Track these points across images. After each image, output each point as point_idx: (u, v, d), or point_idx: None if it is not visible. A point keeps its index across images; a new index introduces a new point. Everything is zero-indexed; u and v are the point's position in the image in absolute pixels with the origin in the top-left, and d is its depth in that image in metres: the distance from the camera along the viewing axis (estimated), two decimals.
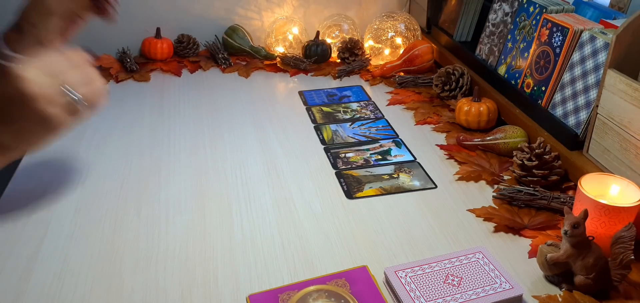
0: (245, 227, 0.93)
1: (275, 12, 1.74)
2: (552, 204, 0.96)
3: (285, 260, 0.85)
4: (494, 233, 0.92)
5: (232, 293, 0.79)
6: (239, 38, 1.66)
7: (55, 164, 1.10)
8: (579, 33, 1.08)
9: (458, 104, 1.26)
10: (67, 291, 0.79)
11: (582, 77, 1.06)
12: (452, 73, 1.39)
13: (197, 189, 1.03)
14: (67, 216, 0.94)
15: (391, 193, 1.03)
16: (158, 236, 0.90)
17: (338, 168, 1.11)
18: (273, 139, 1.22)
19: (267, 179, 1.07)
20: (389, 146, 1.20)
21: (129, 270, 0.83)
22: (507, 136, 1.14)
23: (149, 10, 1.63)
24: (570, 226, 0.75)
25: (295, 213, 0.97)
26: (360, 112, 1.35)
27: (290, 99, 1.43)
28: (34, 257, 0.85)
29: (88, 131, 1.22)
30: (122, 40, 1.62)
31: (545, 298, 0.78)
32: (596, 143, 1.00)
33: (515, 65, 1.27)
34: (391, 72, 1.55)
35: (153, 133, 1.23)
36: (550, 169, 1.02)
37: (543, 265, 0.80)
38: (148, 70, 1.56)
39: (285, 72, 1.60)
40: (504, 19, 1.34)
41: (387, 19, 1.67)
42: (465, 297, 0.76)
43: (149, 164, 1.11)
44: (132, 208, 0.97)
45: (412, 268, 0.81)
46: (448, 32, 1.59)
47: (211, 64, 1.62)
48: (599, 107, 0.98)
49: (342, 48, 1.64)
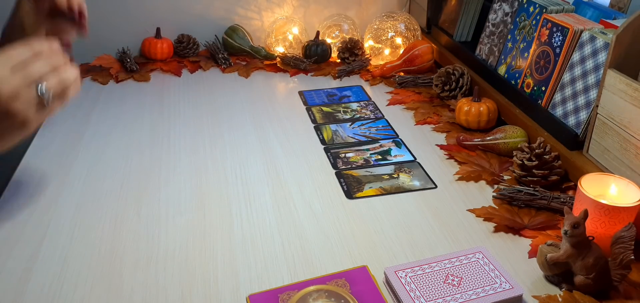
0: (245, 227, 0.93)
1: (275, 12, 1.74)
2: (552, 204, 0.96)
3: (285, 260, 0.85)
4: (494, 233, 0.92)
5: (232, 293, 0.79)
6: (239, 38, 1.66)
7: (55, 164, 1.10)
8: (579, 33, 1.08)
9: (458, 104, 1.26)
10: (67, 291, 0.79)
11: (582, 77, 1.06)
12: (452, 73, 1.39)
13: (197, 189, 1.03)
14: (67, 216, 0.94)
15: (391, 193, 1.03)
16: (158, 236, 0.90)
17: (338, 168, 1.11)
18: (273, 139, 1.22)
19: (267, 179, 1.07)
20: (389, 146, 1.20)
21: (129, 270, 0.83)
22: (507, 136, 1.14)
23: (149, 10, 1.63)
24: (570, 226, 0.75)
25: (295, 213, 0.97)
26: (360, 112, 1.35)
27: (290, 99, 1.43)
28: (34, 257, 0.85)
29: (88, 131, 1.23)
30: (122, 40, 1.62)
31: (545, 298, 0.78)
32: (596, 143, 1.00)
33: (515, 65, 1.27)
34: (391, 72, 1.55)
35: (153, 132, 1.23)
36: (550, 169, 1.02)
37: (543, 265, 0.80)
38: (148, 70, 1.56)
39: (285, 72, 1.60)
40: (504, 19, 1.34)
41: (387, 19, 1.67)
42: (465, 297, 0.76)
43: (149, 164, 1.11)
44: (132, 208, 0.97)
45: (412, 268, 0.81)
46: (448, 32, 1.59)
47: (211, 64, 1.62)
48: (599, 107, 0.98)
49: (342, 48, 1.64)
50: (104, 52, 1.60)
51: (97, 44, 1.60)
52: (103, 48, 1.61)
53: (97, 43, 1.60)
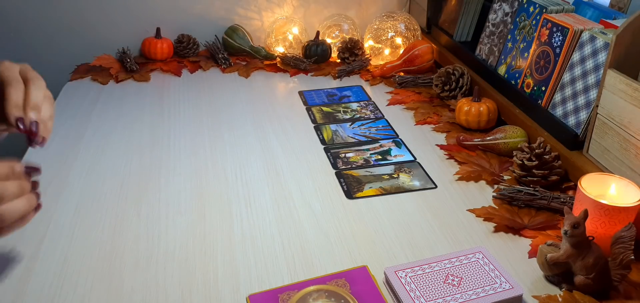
0: (245, 227, 0.93)
1: (275, 12, 1.74)
2: (552, 204, 0.96)
3: (285, 260, 0.85)
4: (494, 233, 0.92)
5: (232, 293, 0.79)
6: (239, 38, 1.66)
7: (55, 164, 1.10)
8: (579, 33, 1.08)
9: (458, 104, 1.26)
10: (67, 291, 0.79)
11: (582, 77, 1.06)
12: (452, 73, 1.39)
13: (197, 189, 1.03)
14: (67, 216, 0.94)
15: (391, 193, 1.03)
16: (158, 236, 0.90)
17: (338, 168, 1.11)
18: (273, 139, 1.22)
19: (267, 179, 1.07)
20: (389, 146, 1.20)
21: (129, 270, 0.83)
22: (507, 136, 1.14)
23: (149, 10, 1.63)
24: (570, 226, 0.75)
25: (295, 213, 0.97)
26: (360, 113, 1.35)
27: (290, 99, 1.43)
28: (34, 257, 0.85)
29: (88, 131, 1.23)
30: (122, 40, 1.62)
31: (545, 298, 0.78)
32: (596, 143, 1.00)
33: (515, 65, 1.27)
34: (391, 72, 1.55)
35: (153, 133, 1.23)
36: (550, 169, 1.02)
37: (543, 265, 0.80)
38: (148, 70, 1.56)
39: (285, 72, 1.60)
40: (504, 19, 1.34)
41: (387, 19, 1.67)
42: (465, 297, 0.76)
43: (149, 164, 1.11)
44: (132, 208, 0.97)
45: (412, 268, 0.81)
46: (448, 32, 1.59)
47: (211, 64, 1.62)
48: (599, 107, 0.98)
49: (342, 48, 1.64)
50: (104, 52, 1.60)
51: (97, 44, 1.61)
52: (103, 48, 1.61)
53: (97, 43, 1.61)
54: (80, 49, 1.60)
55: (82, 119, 1.28)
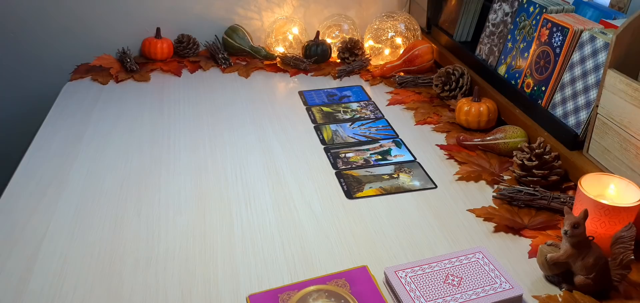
0: (245, 227, 0.93)
1: (275, 12, 1.74)
2: (552, 204, 0.96)
3: (285, 260, 0.85)
4: (494, 233, 0.92)
5: (232, 293, 0.79)
6: (239, 38, 1.66)
7: (55, 164, 1.10)
8: (579, 33, 1.08)
9: (458, 104, 1.26)
10: (67, 291, 0.79)
11: (582, 77, 1.06)
12: (452, 73, 1.39)
13: (197, 189, 1.03)
14: (67, 216, 0.94)
15: (391, 193, 1.03)
16: (158, 236, 0.90)
17: (338, 168, 1.11)
18: (273, 139, 1.22)
19: (267, 179, 1.07)
20: (389, 146, 1.20)
21: (129, 270, 0.83)
22: (507, 136, 1.14)
23: (149, 10, 1.63)
24: (570, 226, 0.75)
25: (295, 213, 0.97)
26: (360, 113, 1.35)
27: (290, 99, 1.43)
28: (34, 257, 0.85)
29: (88, 131, 1.23)
30: (122, 40, 1.62)
31: (545, 298, 0.78)
32: (596, 143, 1.00)
33: (515, 65, 1.27)
34: (391, 72, 1.55)
35: (153, 132, 1.23)
36: (550, 169, 1.02)
37: (543, 265, 0.80)
38: (148, 70, 1.56)
39: (285, 72, 1.60)
40: (504, 19, 1.34)
41: (387, 19, 1.67)
42: (465, 297, 0.76)
43: (149, 164, 1.11)
44: (132, 208, 0.97)
45: (412, 268, 0.81)
46: (448, 32, 1.59)
47: (211, 64, 1.62)
48: (599, 107, 0.98)
49: (342, 48, 1.64)
50: (104, 52, 1.60)
51: (97, 44, 1.60)
52: (103, 48, 1.61)
53: (97, 43, 1.61)
54: (80, 49, 1.60)
55: (82, 119, 1.28)
